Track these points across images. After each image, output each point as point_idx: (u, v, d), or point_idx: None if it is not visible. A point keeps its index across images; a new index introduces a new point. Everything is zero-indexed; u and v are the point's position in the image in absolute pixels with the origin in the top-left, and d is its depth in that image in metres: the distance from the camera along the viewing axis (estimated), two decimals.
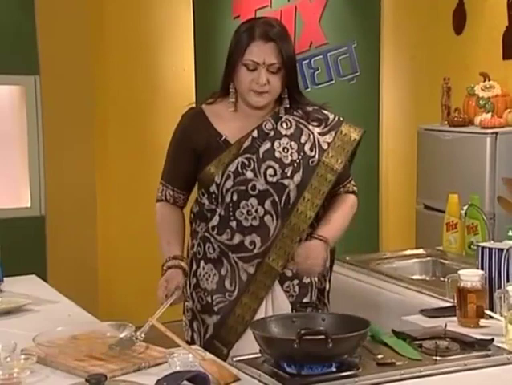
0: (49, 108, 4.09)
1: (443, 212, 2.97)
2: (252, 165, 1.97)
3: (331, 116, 2.08)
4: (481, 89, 4.37)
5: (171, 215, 2.11)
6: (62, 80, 4.09)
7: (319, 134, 2.03)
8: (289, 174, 1.98)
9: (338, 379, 1.57)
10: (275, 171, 1.97)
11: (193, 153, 2.03)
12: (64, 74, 4.09)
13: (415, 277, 2.77)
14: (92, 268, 4.27)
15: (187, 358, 1.63)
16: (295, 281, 2.04)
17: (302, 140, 2.01)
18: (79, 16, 4.14)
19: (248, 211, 1.97)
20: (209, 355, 1.72)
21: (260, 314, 2.01)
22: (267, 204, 1.97)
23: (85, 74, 4.19)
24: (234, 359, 1.72)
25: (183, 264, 2.01)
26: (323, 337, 1.53)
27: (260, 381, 1.61)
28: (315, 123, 2.04)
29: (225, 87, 2.04)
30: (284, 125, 2.02)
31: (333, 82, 4.96)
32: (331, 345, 1.52)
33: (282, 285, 2.03)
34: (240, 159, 1.98)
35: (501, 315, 1.87)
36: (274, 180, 1.97)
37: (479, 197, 2.94)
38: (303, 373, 1.57)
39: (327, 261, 2.03)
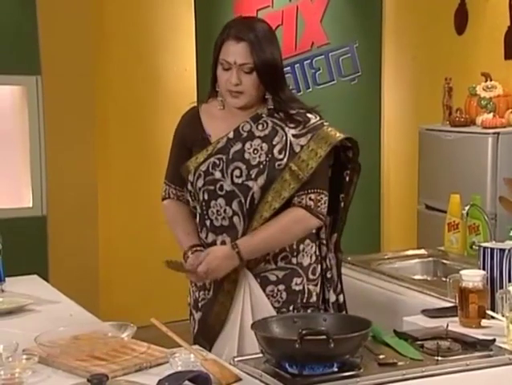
0: (50, 108, 4.09)
1: (444, 212, 2.97)
2: (221, 165, 1.98)
3: (313, 119, 2.00)
4: (483, 89, 4.37)
5: (181, 208, 2.13)
6: (63, 80, 4.09)
7: (294, 136, 1.98)
8: (253, 176, 1.96)
9: (339, 380, 1.57)
10: (241, 172, 1.97)
11: (184, 148, 2.08)
12: (66, 75, 4.10)
13: (416, 277, 2.76)
14: (93, 268, 4.27)
15: (188, 358, 1.64)
16: (281, 286, 2.01)
17: (274, 142, 1.98)
18: (80, 16, 4.14)
19: (217, 211, 2.00)
20: (211, 355, 1.72)
21: (236, 315, 1.99)
22: (234, 205, 1.98)
23: (86, 75, 4.19)
24: (236, 359, 1.72)
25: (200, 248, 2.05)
26: (324, 337, 1.53)
27: (261, 381, 1.60)
28: (292, 125, 1.99)
29: (213, 85, 2.06)
30: (260, 127, 2.00)
31: (334, 82, 4.96)
32: (332, 345, 1.52)
33: (264, 290, 2.01)
34: (212, 159, 2.00)
35: (503, 315, 1.87)
36: (240, 181, 1.97)
37: (481, 197, 2.94)
38: (305, 373, 1.57)
39: (227, 271, 1.96)
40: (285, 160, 1.96)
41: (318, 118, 2.02)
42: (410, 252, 3.00)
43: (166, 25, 4.62)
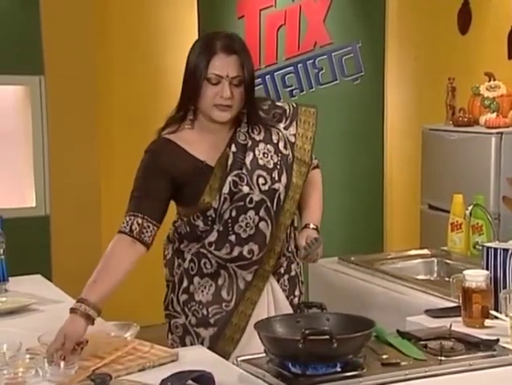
0: (53, 108, 4.09)
1: (448, 212, 2.96)
2: (245, 179, 1.96)
3: (287, 107, 2.08)
4: (486, 89, 4.36)
5: (123, 254, 1.91)
6: (66, 80, 4.09)
7: (284, 128, 2.04)
8: (277, 178, 1.98)
9: (342, 379, 1.57)
10: (265, 178, 1.97)
11: (170, 182, 1.94)
12: (69, 75, 4.10)
13: (419, 277, 2.76)
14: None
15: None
16: (286, 276, 2.09)
17: (275, 140, 2.01)
18: (83, 16, 4.14)
19: (246, 223, 1.97)
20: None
21: (263, 314, 2.01)
22: (261, 212, 1.97)
23: (89, 75, 4.19)
24: (239, 359, 1.72)
25: (92, 313, 1.77)
26: (327, 337, 1.53)
27: (264, 381, 1.61)
28: (278, 119, 2.05)
29: (184, 107, 2.01)
30: (255, 131, 2.00)
31: (337, 82, 4.95)
32: (335, 345, 1.52)
33: (278, 283, 2.06)
34: (230, 178, 1.95)
35: (507, 315, 1.86)
36: (266, 187, 1.97)
37: (484, 197, 2.93)
38: (308, 373, 1.57)
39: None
40: (290, 152, 2.03)
41: (286, 104, 2.10)
42: (413, 252, 3.00)
43: (169, 24, 4.62)
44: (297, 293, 2.11)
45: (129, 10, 4.53)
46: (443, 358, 1.68)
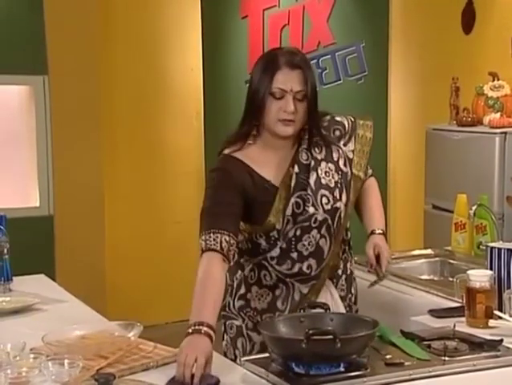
0: (57, 108, 4.10)
1: (451, 212, 2.96)
2: (311, 200, 1.96)
3: (346, 123, 2.09)
4: (490, 89, 4.35)
5: (219, 275, 1.82)
6: (70, 80, 4.10)
7: (344, 145, 2.06)
8: (338, 196, 2.00)
9: (346, 379, 1.57)
10: (328, 198, 1.98)
11: (241, 197, 1.92)
12: (72, 75, 4.11)
13: (423, 277, 2.75)
14: (100, 267, 4.28)
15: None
16: (343, 276, 2.10)
17: (335, 158, 2.03)
18: (87, 16, 4.15)
19: (309, 242, 1.98)
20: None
21: None
22: (323, 230, 1.99)
23: (93, 74, 4.20)
24: (243, 359, 1.72)
25: (213, 335, 1.68)
26: (331, 337, 1.53)
27: (268, 381, 1.61)
28: (337, 136, 2.06)
29: (248, 123, 1.99)
30: (316, 150, 2.01)
31: (341, 82, 4.95)
32: (339, 345, 1.52)
33: (336, 285, 2.07)
34: (293, 200, 1.96)
35: (511, 316, 1.86)
36: (329, 206, 1.98)
37: (488, 197, 2.93)
38: (311, 373, 1.57)
39: None
40: (348, 170, 2.05)
41: (345, 118, 2.10)
42: (417, 252, 2.99)
43: (172, 24, 4.62)
44: (353, 291, 2.12)
45: (133, 11, 4.53)
46: (447, 358, 1.67)
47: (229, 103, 4.58)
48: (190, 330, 1.65)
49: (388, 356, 1.67)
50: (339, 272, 2.09)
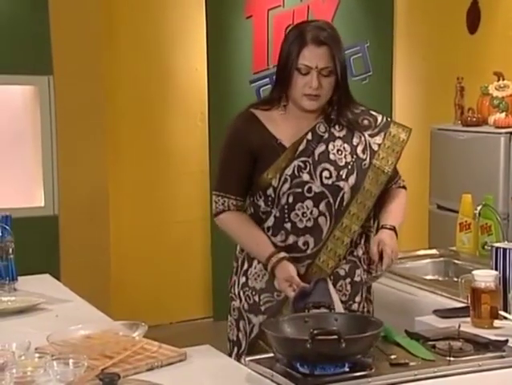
0: (62, 108, 4.11)
1: (456, 212, 2.96)
2: (308, 168, 1.98)
3: (379, 118, 2.10)
4: (495, 88, 4.34)
5: (245, 218, 2.05)
6: (75, 80, 4.11)
7: (369, 136, 2.06)
8: (344, 176, 1.99)
9: (351, 380, 1.56)
10: (330, 173, 1.99)
11: (249, 155, 2.01)
12: (77, 75, 4.11)
13: (428, 277, 2.75)
14: (105, 267, 4.28)
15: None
16: (348, 280, 2.05)
17: (355, 143, 2.03)
18: (91, 16, 4.16)
19: (303, 213, 1.98)
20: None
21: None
22: (322, 206, 1.98)
23: (98, 75, 4.20)
24: (247, 359, 1.72)
25: (281, 254, 1.97)
26: (335, 337, 1.53)
27: (272, 381, 1.60)
28: (365, 125, 2.06)
29: (278, 92, 2.04)
30: (337, 127, 2.03)
31: None
32: (344, 345, 1.52)
33: (335, 285, 2.02)
34: (296, 162, 1.99)
35: None
36: (330, 182, 1.99)
37: (493, 197, 2.92)
38: (316, 373, 1.57)
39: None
40: (368, 159, 2.04)
41: (381, 115, 2.12)
42: (421, 252, 2.99)
43: (177, 25, 4.63)
44: (358, 299, 2.05)
45: (137, 11, 4.54)
46: (452, 358, 1.67)
47: (233, 103, 4.57)
48: (273, 262, 1.95)
49: (392, 356, 1.67)
50: (342, 272, 2.04)
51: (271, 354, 1.68)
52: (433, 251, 2.96)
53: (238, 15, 4.68)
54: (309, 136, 2.01)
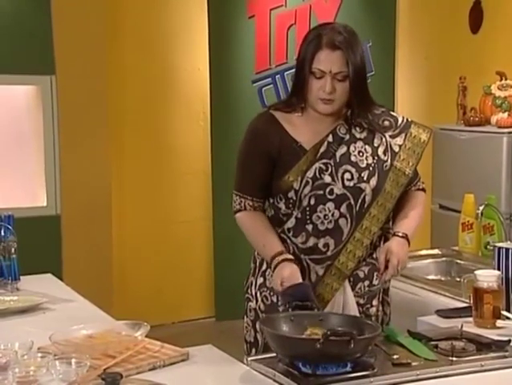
0: (64, 108, 4.11)
1: (459, 212, 2.95)
2: (329, 170, 1.98)
3: (400, 118, 2.10)
4: (498, 88, 4.34)
5: (257, 219, 2.05)
6: (77, 80, 4.11)
7: (390, 137, 2.05)
8: (365, 178, 1.99)
9: (353, 380, 1.56)
10: (352, 175, 1.98)
11: (267, 157, 2.00)
12: (79, 74, 4.12)
13: (430, 277, 2.75)
14: (107, 267, 4.29)
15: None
16: (366, 282, 2.03)
17: (376, 144, 2.03)
18: (94, 16, 4.16)
19: (325, 215, 1.97)
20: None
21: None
22: (343, 208, 1.98)
23: (100, 74, 4.21)
24: (249, 359, 1.72)
25: (284, 256, 1.96)
26: (348, 338, 1.52)
27: (275, 380, 1.61)
28: (386, 126, 2.06)
29: (296, 95, 2.03)
30: (358, 129, 2.02)
31: None
32: (352, 346, 1.52)
33: (354, 288, 2.01)
34: (317, 164, 1.98)
35: None
36: (351, 184, 1.98)
37: (495, 197, 2.92)
38: (318, 373, 1.57)
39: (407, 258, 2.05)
40: (389, 160, 2.03)
41: (401, 117, 2.11)
42: (424, 252, 2.99)
43: (179, 24, 4.63)
44: (375, 303, 2.04)
45: (140, 11, 4.54)
46: (454, 358, 1.67)
47: (235, 103, 4.58)
48: (274, 263, 1.95)
49: (395, 356, 1.67)
50: (361, 275, 2.02)
51: (273, 354, 1.68)
52: (436, 251, 2.96)
53: (240, 15, 4.67)
54: (330, 138, 2.00)
